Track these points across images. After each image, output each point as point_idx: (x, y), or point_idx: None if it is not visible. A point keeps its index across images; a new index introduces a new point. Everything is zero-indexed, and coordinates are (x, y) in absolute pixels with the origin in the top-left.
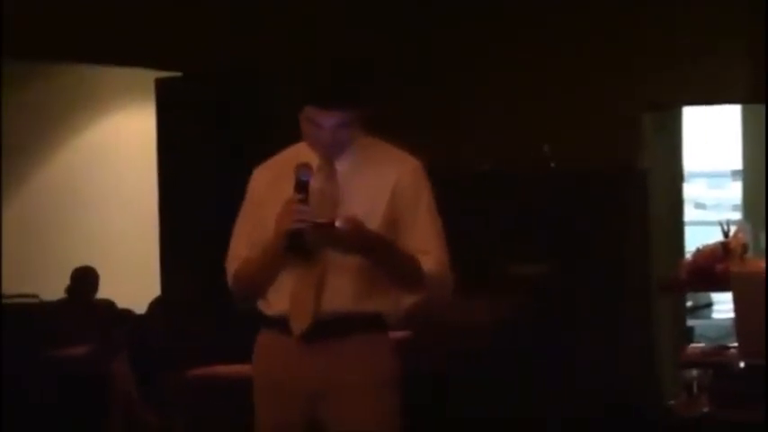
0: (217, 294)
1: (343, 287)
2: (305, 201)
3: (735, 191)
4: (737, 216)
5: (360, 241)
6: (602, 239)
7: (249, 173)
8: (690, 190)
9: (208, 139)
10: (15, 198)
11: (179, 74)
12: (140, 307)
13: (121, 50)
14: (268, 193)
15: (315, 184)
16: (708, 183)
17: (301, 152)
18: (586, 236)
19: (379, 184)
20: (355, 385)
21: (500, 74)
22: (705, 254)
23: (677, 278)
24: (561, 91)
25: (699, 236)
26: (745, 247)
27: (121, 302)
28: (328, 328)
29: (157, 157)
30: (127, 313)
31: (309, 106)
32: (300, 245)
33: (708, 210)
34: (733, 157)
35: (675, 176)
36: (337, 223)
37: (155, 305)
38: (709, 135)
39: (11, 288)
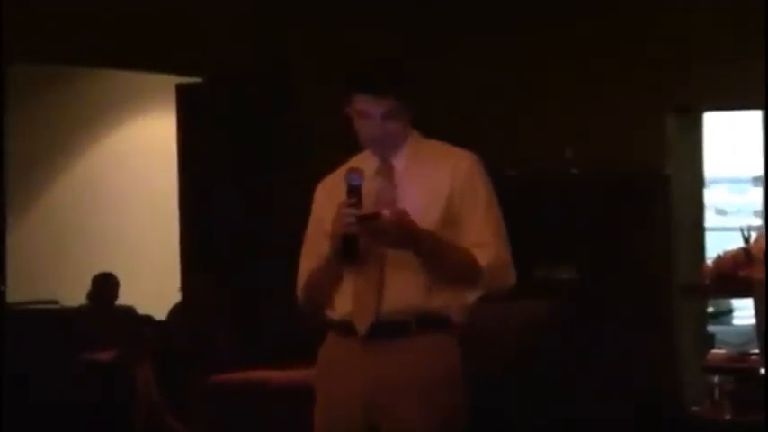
0: (237, 299)
1: (403, 286)
2: (356, 205)
3: (756, 197)
4: (758, 222)
5: (405, 233)
6: (624, 244)
7: (268, 177)
8: (711, 196)
9: (228, 143)
10: (38, 203)
11: (199, 79)
12: (161, 312)
13: (143, 56)
14: (328, 206)
15: (372, 186)
16: (729, 189)
17: (359, 162)
18: (608, 241)
19: (437, 180)
20: (415, 385)
21: (521, 77)
22: (727, 260)
23: (699, 284)
24: (584, 95)
25: (720, 242)
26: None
27: (142, 307)
28: (390, 328)
29: (178, 162)
30: (147, 319)
31: (357, 95)
32: (355, 249)
33: (728, 216)
34: (754, 162)
35: (697, 182)
36: (384, 212)
37: (176, 311)
38: (730, 141)
39: (32, 293)
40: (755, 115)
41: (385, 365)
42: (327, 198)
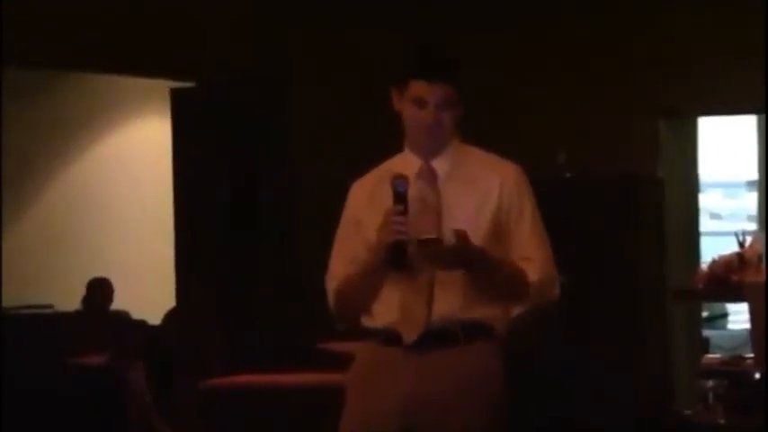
0: (232, 304)
1: (452, 296)
2: (404, 212)
3: (750, 201)
4: (753, 226)
5: (464, 256)
6: (618, 249)
7: (262, 181)
8: (705, 200)
9: (222, 148)
10: (32, 206)
11: (193, 84)
12: (156, 316)
13: (137, 60)
14: (366, 208)
15: (414, 191)
16: (723, 193)
17: (397, 163)
18: (602, 245)
19: (483, 192)
20: (459, 392)
21: (514, 81)
22: (721, 264)
23: (693, 288)
24: (577, 99)
25: (714, 246)
26: (760, 258)
27: (136, 312)
28: (437, 338)
29: (172, 167)
30: (141, 324)
31: (414, 81)
32: (402, 257)
33: (723, 220)
34: (748, 167)
35: (691, 186)
36: (447, 235)
37: (170, 316)
38: (724, 145)
39: (26, 298)
40: (749, 120)
41: (429, 373)
42: (367, 201)
